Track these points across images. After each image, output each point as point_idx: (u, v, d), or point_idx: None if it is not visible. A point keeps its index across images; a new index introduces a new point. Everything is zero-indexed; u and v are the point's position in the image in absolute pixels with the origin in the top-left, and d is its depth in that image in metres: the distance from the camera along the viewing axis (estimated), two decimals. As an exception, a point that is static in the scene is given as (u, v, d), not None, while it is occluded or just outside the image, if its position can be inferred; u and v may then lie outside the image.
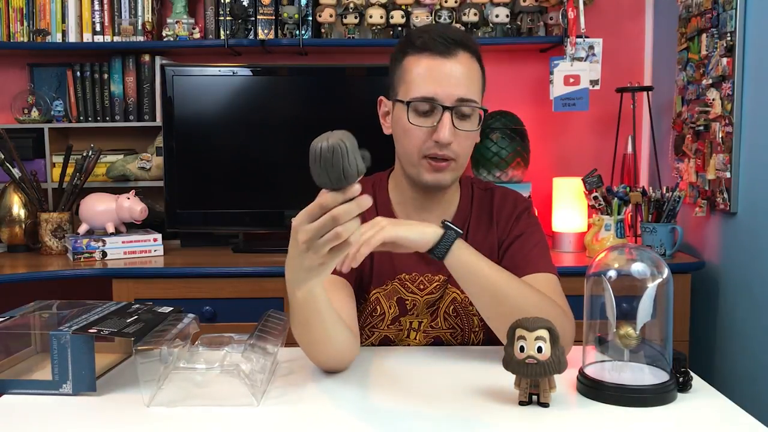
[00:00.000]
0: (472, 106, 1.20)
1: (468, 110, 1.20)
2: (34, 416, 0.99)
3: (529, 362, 0.96)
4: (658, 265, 1.04)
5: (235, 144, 2.32)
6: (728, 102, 1.91)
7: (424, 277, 1.31)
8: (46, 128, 2.48)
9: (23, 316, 1.17)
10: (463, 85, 1.19)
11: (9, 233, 2.36)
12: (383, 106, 1.30)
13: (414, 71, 1.21)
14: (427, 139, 1.20)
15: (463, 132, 1.21)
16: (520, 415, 0.98)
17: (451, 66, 1.19)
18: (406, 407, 1.01)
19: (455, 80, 1.19)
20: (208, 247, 2.39)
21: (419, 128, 1.20)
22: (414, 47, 1.22)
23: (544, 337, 0.96)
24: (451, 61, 1.19)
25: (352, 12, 2.42)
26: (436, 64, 1.19)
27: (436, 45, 1.19)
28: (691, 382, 1.06)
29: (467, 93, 1.20)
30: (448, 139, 1.18)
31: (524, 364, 0.96)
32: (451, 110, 1.19)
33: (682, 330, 2.02)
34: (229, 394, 1.02)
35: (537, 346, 0.96)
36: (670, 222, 2.10)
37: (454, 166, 1.23)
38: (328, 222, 0.88)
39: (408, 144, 1.23)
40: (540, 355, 0.95)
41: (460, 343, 1.33)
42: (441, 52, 1.19)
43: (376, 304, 1.31)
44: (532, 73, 2.59)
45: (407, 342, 1.33)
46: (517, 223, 1.32)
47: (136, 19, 2.47)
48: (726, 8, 1.91)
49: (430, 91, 1.19)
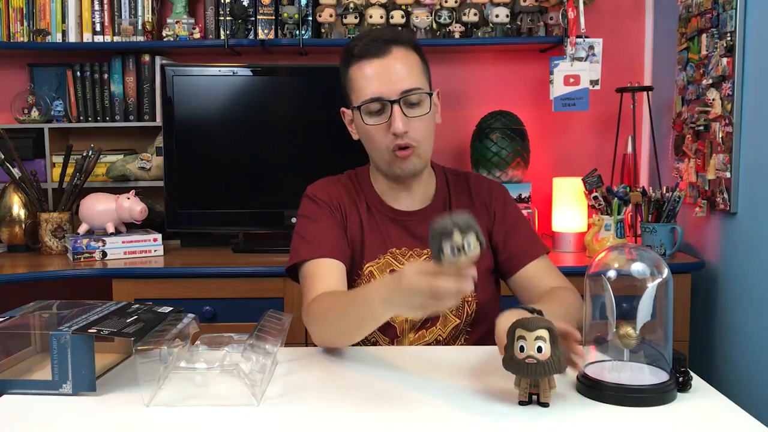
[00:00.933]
0: (418, 93, 1.30)
1: (415, 98, 1.30)
2: (34, 416, 0.99)
3: (529, 362, 0.96)
4: (658, 265, 1.04)
5: (235, 144, 2.32)
6: (728, 102, 1.91)
7: (413, 251, 1.39)
8: (46, 128, 2.48)
9: (23, 316, 1.17)
10: (404, 77, 1.29)
11: (9, 233, 2.36)
12: (346, 116, 1.41)
13: (358, 78, 1.32)
14: (387, 134, 1.30)
15: (417, 118, 1.30)
16: (520, 415, 0.98)
17: (387, 63, 1.29)
18: (405, 407, 1.02)
19: (395, 75, 1.29)
20: (208, 247, 2.39)
21: (376, 127, 1.31)
22: (353, 57, 1.32)
23: (543, 336, 0.96)
24: (387, 58, 1.30)
25: (352, 12, 2.42)
26: (374, 66, 1.30)
27: (370, 49, 1.30)
28: (691, 382, 1.06)
29: (409, 83, 1.29)
30: (402, 129, 1.28)
31: (524, 363, 0.96)
32: (399, 102, 1.28)
33: (682, 330, 2.02)
34: (229, 394, 1.02)
35: (537, 346, 0.96)
36: (670, 222, 2.10)
37: (418, 152, 1.33)
38: (427, 288, 0.94)
39: (373, 144, 1.34)
40: (540, 355, 0.95)
41: (456, 315, 1.37)
42: (376, 54, 1.30)
43: (370, 276, 1.38)
44: (532, 73, 2.59)
45: (402, 317, 1.36)
46: (505, 210, 1.43)
47: (136, 19, 2.47)
48: (726, 8, 1.91)
49: (375, 91, 1.29)
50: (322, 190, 1.42)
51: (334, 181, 1.46)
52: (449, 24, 2.42)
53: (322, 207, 1.39)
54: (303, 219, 1.40)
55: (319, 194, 1.41)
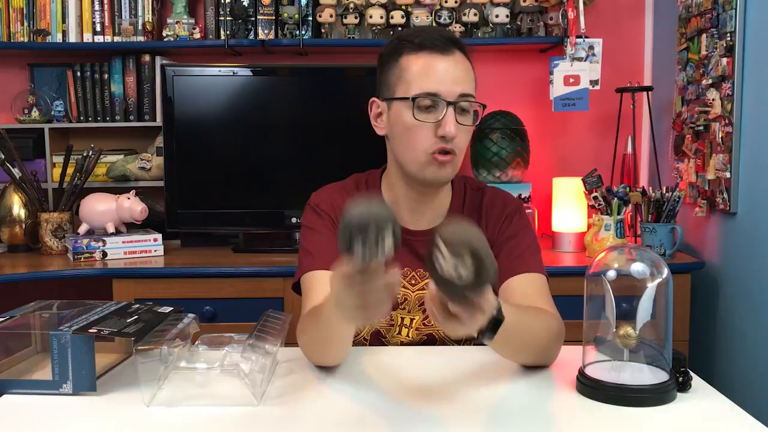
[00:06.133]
0: (471, 101, 1.23)
1: (467, 105, 1.23)
2: (34, 416, 0.99)
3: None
4: (657, 265, 1.04)
5: (235, 144, 2.32)
6: (728, 102, 1.91)
7: (416, 272, 1.32)
8: (46, 128, 2.48)
9: (23, 316, 1.17)
10: (463, 81, 1.22)
11: (9, 233, 2.37)
12: (375, 107, 1.30)
13: (413, 69, 1.22)
14: (431, 134, 1.21)
15: (464, 126, 1.23)
16: (519, 415, 0.98)
17: (450, 62, 1.22)
18: (404, 407, 1.02)
19: (455, 76, 1.21)
20: (208, 247, 2.39)
21: (423, 124, 1.21)
22: (412, 45, 1.23)
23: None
24: (449, 58, 1.22)
25: (352, 12, 2.42)
26: (436, 61, 1.21)
27: (434, 43, 1.22)
28: (691, 381, 1.06)
29: (466, 89, 1.22)
30: (454, 133, 1.20)
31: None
32: (455, 105, 1.21)
33: (682, 330, 2.02)
34: (229, 394, 1.02)
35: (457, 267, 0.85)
36: (670, 222, 2.10)
37: (455, 162, 1.25)
38: (354, 294, 0.88)
39: (411, 142, 1.23)
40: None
41: (454, 340, 1.33)
42: (441, 49, 1.21)
43: None
44: (532, 73, 2.59)
45: (398, 339, 1.33)
46: (509, 225, 1.33)
47: (136, 19, 2.47)
48: (726, 8, 1.91)
49: (432, 87, 1.20)
50: (326, 200, 1.35)
51: (339, 189, 1.37)
52: (449, 24, 2.42)
53: (324, 218, 1.33)
54: (305, 230, 1.35)
55: (322, 204, 1.34)
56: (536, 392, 1.07)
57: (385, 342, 1.33)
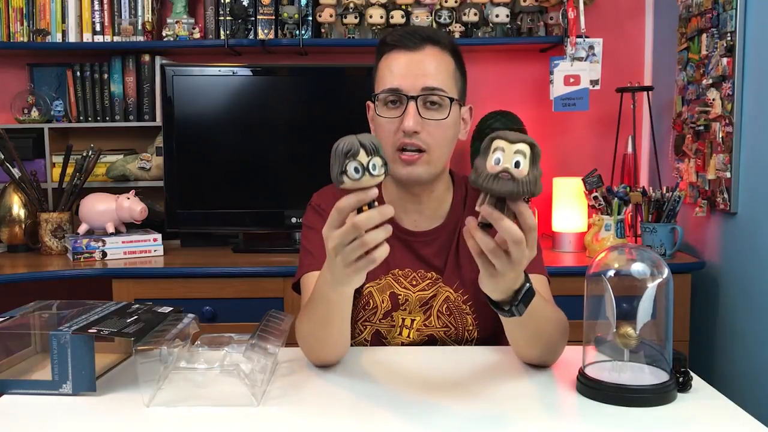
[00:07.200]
0: (440, 94, 1.22)
1: (436, 99, 1.22)
2: (34, 416, 0.99)
3: (503, 176, 0.85)
4: (658, 265, 1.04)
5: (235, 144, 2.32)
6: (728, 102, 1.91)
7: (416, 273, 1.32)
8: (46, 128, 2.48)
9: (23, 316, 1.17)
10: (430, 75, 1.22)
11: (9, 233, 2.37)
12: (370, 110, 1.32)
13: (384, 68, 1.25)
14: (397, 130, 1.22)
15: (432, 121, 1.22)
16: (519, 415, 0.98)
17: (416, 58, 1.23)
18: (404, 407, 1.01)
19: (420, 71, 1.22)
20: (208, 247, 2.39)
21: (388, 120, 1.23)
22: (386, 46, 1.26)
23: (524, 151, 0.85)
24: (417, 53, 1.23)
25: (352, 12, 2.42)
26: (401, 57, 1.23)
27: (403, 41, 1.23)
28: (691, 382, 1.06)
29: (434, 82, 1.22)
30: (413, 128, 1.19)
31: (497, 177, 0.85)
32: (416, 99, 1.21)
33: (682, 330, 2.02)
34: (229, 394, 1.02)
35: (515, 161, 0.85)
36: (670, 222, 2.10)
37: (427, 159, 1.23)
38: (350, 230, 0.89)
39: (382, 138, 1.24)
40: (516, 171, 0.84)
41: (455, 341, 1.33)
42: (408, 46, 1.23)
43: (369, 297, 1.32)
44: (532, 73, 2.59)
45: (399, 340, 1.33)
46: None
47: (136, 19, 2.47)
48: (726, 8, 1.91)
49: (395, 82, 1.22)
50: (327, 200, 1.35)
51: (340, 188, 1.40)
52: (449, 24, 2.42)
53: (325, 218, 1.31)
54: (306, 230, 1.36)
55: (323, 204, 1.35)
56: (536, 392, 1.07)
57: (386, 343, 1.33)
